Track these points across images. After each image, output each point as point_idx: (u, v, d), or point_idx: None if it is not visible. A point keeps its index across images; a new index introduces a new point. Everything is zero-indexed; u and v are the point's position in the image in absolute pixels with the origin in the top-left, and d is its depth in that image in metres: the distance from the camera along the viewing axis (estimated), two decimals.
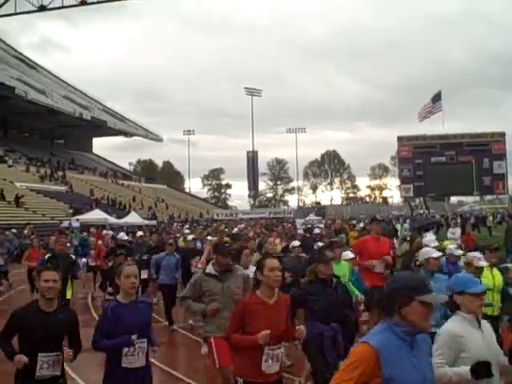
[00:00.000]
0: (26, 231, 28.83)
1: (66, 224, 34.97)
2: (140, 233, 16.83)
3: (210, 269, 6.06)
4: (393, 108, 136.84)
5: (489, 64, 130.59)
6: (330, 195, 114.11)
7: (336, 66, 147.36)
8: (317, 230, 17.51)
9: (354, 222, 32.71)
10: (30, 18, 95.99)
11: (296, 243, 10.45)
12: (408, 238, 14.04)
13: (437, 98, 76.08)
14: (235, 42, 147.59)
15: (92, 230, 27.68)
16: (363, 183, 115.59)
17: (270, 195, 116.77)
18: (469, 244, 15.33)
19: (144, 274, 11.78)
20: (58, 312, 4.55)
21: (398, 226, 27.36)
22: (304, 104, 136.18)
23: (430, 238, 10.15)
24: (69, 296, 9.53)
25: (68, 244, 15.35)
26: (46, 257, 10.24)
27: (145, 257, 13.13)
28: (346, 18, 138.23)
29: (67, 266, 9.23)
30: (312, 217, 56.14)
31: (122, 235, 16.53)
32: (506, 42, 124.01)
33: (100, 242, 17.09)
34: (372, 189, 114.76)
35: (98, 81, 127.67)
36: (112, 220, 39.16)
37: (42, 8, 55.19)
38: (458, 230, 18.07)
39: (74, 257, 11.90)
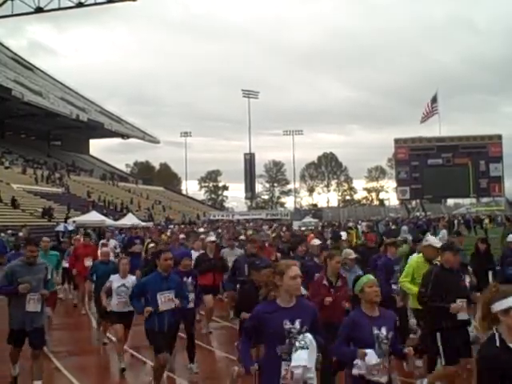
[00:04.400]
0: (21, 233, 28.54)
1: (61, 227, 34.81)
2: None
3: None
4: (387, 111, 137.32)
5: (481, 70, 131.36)
6: (327, 197, 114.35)
7: (329, 71, 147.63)
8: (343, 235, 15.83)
9: (351, 224, 32.72)
10: (18, 21, 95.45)
11: None
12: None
13: (433, 100, 76.33)
14: (229, 47, 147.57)
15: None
16: (360, 185, 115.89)
17: (266, 197, 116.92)
18: None
19: None
20: None
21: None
22: (300, 107, 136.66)
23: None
24: None
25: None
26: None
27: None
28: (342, 24, 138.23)
29: None
30: (309, 219, 56.16)
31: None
32: (496, 48, 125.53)
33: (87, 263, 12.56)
34: (369, 191, 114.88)
35: (87, 84, 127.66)
36: (109, 222, 39.09)
37: (39, 10, 55.17)
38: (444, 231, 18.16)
39: None
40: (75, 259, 13.35)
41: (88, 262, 12.39)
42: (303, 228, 32.03)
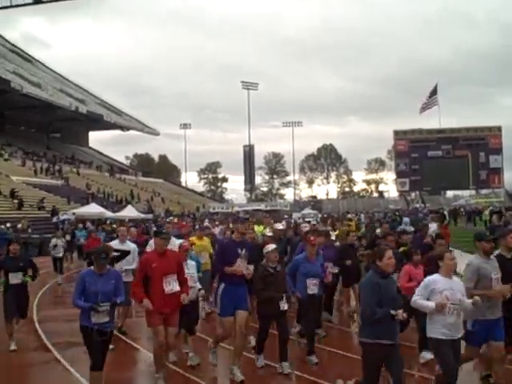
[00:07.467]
0: (19, 225, 28.55)
1: (55, 219, 34.92)
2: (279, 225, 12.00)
3: None
4: (385, 103, 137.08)
5: (478, 62, 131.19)
6: (326, 189, 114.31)
7: (327, 64, 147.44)
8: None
9: (349, 215, 32.74)
10: (9, 13, 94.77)
11: None
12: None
13: (433, 92, 76.22)
14: (226, 41, 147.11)
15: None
16: (359, 177, 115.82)
17: (265, 189, 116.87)
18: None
19: None
20: None
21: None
22: (299, 99, 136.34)
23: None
24: None
25: None
26: None
27: None
28: (341, 16, 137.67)
29: None
30: (308, 210, 56.19)
31: None
32: (493, 40, 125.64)
33: None
34: (368, 183, 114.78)
35: (82, 76, 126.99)
36: (108, 214, 39.10)
37: (38, 1, 54.99)
38: (434, 225, 18.00)
39: None
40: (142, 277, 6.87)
41: (170, 286, 6.74)
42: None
